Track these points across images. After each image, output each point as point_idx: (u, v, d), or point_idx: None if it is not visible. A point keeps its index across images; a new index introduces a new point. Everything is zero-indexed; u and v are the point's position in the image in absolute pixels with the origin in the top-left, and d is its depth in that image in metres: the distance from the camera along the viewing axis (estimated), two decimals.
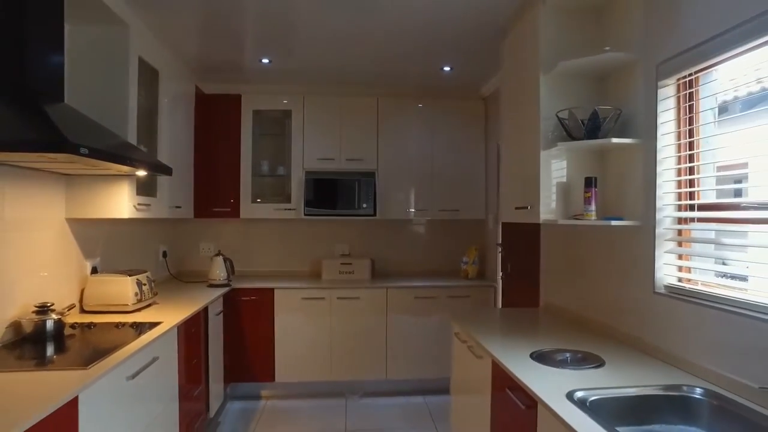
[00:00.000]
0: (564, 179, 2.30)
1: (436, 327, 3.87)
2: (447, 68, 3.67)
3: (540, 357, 1.89)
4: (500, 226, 3.83)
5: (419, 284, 3.94)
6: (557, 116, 2.19)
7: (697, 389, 1.54)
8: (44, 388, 1.51)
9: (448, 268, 4.44)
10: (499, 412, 1.97)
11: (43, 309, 2.12)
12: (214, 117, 4.04)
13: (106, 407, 1.76)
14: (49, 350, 1.99)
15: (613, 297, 2.22)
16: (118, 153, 2.06)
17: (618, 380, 1.64)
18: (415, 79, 3.99)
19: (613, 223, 2.02)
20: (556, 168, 2.29)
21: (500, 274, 3.79)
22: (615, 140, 2.03)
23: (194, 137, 3.89)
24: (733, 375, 1.50)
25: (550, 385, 1.57)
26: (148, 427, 2.15)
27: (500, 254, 3.79)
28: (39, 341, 2.06)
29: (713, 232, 1.80)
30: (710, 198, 1.81)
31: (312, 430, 3.33)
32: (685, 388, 1.56)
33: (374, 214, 4.07)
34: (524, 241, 3.29)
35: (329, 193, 4.08)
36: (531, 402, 1.60)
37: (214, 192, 4.02)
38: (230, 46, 3.32)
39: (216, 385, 3.39)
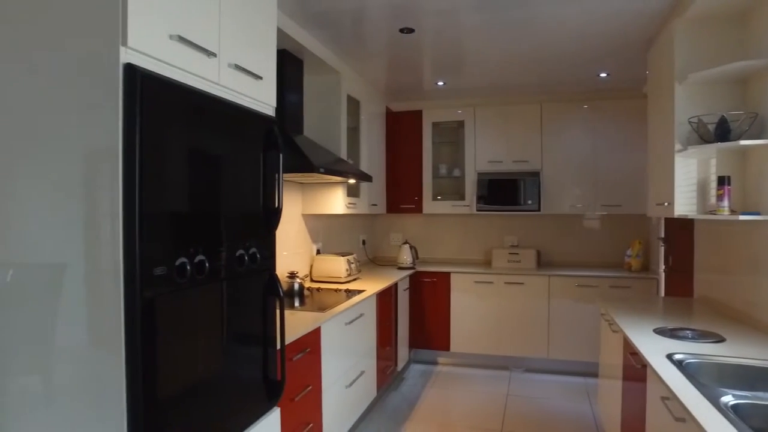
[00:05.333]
0: (703, 178, 2.54)
1: (597, 314, 4.16)
2: (603, 74, 3.96)
3: (661, 332, 2.24)
4: (663, 220, 3.95)
5: (581, 274, 4.28)
6: (689, 122, 2.46)
7: None
8: (302, 320, 2.44)
9: (612, 260, 4.65)
10: (626, 374, 2.37)
11: (292, 275, 3.16)
12: (401, 130, 4.92)
13: (334, 339, 2.67)
14: (297, 302, 3.00)
15: (750, 287, 2.40)
16: (338, 168, 2.99)
17: (728, 353, 1.93)
18: (574, 86, 4.33)
19: (741, 217, 2.24)
20: (694, 168, 2.55)
21: (662, 267, 3.93)
22: (743, 142, 2.24)
23: (385, 147, 4.83)
24: None
25: (658, 350, 1.95)
26: (358, 362, 3.05)
27: (662, 248, 3.92)
28: (290, 296, 3.10)
29: None
30: None
31: (478, 392, 3.96)
32: None
33: (539, 210, 4.51)
34: (684, 235, 3.43)
35: (498, 191, 4.65)
36: (642, 362, 2.01)
37: (401, 191, 4.92)
38: (412, 75, 4.13)
39: (402, 348, 4.25)
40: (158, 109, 1.36)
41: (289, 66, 3.01)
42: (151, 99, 1.33)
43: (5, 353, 1.43)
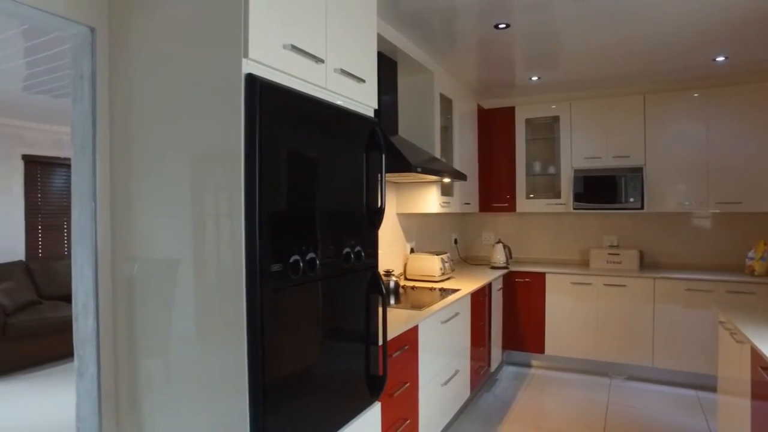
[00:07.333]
0: None
1: (711, 321, 3.83)
2: (720, 58, 3.62)
3: None
4: None
5: (691, 277, 3.95)
6: None
7: None
8: (398, 317, 2.48)
9: (728, 262, 4.25)
10: (756, 391, 2.16)
11: (388, 273, 3.21)
12: (493, 127, 4.83)
13: (431, 337, 2.69)
14: (392, 300, 3.05)
15: None
16: (434, 167, 3.00)
17: None
18: (683, 73, 4.02)
19: None
20: None
21: None
22: None
23: (477, 145, 4.77)
24: None
25: None
26: (452, 361, 3.04)
27: None
28: (386, 294, 3.15)
29: None
30: None
31: (575, 399, 3.79)
32: None
33: (642, 208, 4.23)
34: None
35: (596, 188, 4.42)
36: None
37: (494, 190, 4.83)
38: (505, 71, 4.04)
39: (495, 349, 4.17)
40: (274, 115, 1.45)
41: (384, 67, 3.06)
42: (268, 105, 1.42)
43: (141, 337, 1.60)
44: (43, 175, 5.52)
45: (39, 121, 5.33)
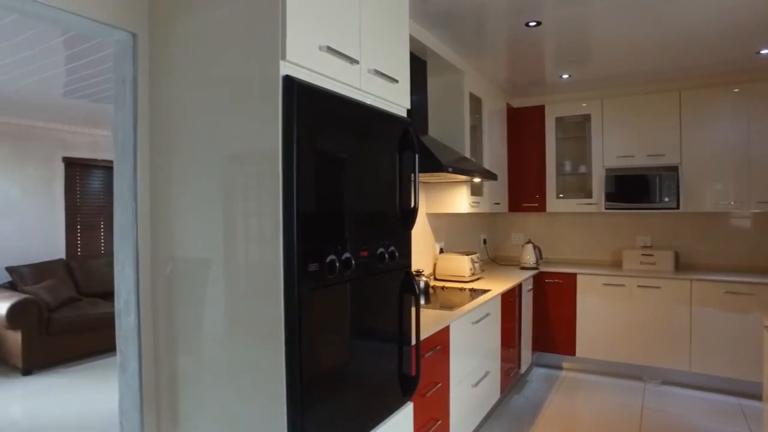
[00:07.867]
0: None
1: (755, 326, 3.70)
2: (765, 51, 3.49)
3: None
4: None
5: (731, 279, 3.83)
6: None
7: None
8: (429, 317, 2.48)
9: None
10: None
11: (418, 273, 3.21)
12: (522, 126, 4.78)
13: (462, 338, 2.67)
14: (422, 300, 3.04)
15: None
16: (465, 167, 2.98)
17: None
18: (721, 67, 3.89)
19: None
20: None
21: None
22: None
23: (506, 145, 4.72)
24: None
25: None
26: (483, 362, 3.02)
27: None
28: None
29: None
30: None
31: (608, 403, 3.71)
32: None
33: (677, 207, 4.13)
34: None
35: (629, 188, 4.32)
36: None
37: (523, 189, 4.78)
38: (535, 69, 3.99)
39: (525, 351, 4.12)
40: (311, 116, 1.47)
41: (414, 67, 3.06)
42: (305, 106, 1.43)
43: (181, 334, 1.63)
44: (81, 177, 5.70)
45: (78, 124, 5.51)
